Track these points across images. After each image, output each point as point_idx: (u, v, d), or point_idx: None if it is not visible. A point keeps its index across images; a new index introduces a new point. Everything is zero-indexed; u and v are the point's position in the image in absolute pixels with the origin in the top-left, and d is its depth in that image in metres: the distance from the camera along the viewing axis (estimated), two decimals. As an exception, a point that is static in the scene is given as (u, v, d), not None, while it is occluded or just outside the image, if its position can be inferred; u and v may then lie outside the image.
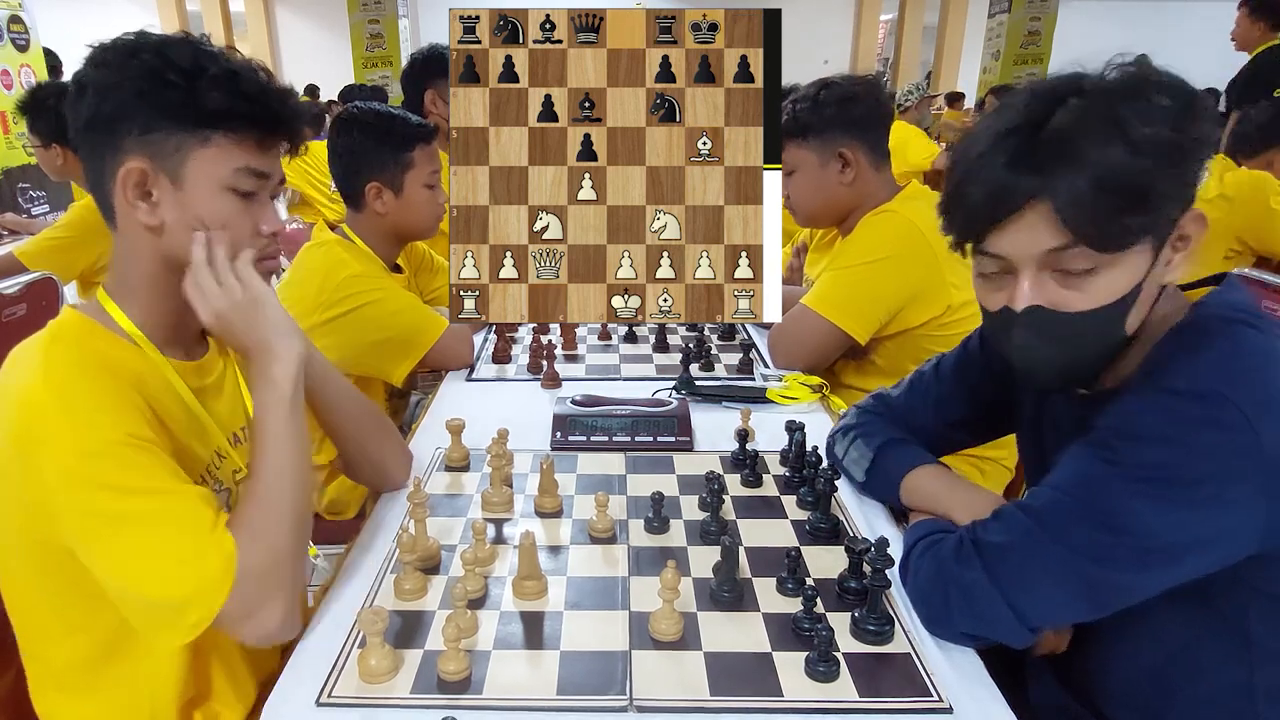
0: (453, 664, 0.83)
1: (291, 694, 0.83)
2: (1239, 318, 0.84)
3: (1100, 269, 0.81)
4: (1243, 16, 3.95)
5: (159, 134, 0.90)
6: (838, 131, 1.71)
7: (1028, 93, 0.84)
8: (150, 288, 0.96)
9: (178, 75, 0.89)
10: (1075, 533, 0.82)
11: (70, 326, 0.93)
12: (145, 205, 0.92)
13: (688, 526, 1.12)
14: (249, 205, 0.96)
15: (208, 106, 0.90)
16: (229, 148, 0.92)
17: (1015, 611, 0.85)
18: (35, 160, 2.96)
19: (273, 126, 0.95)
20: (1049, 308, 0.84)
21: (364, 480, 1.26)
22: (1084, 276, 0.81)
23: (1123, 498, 0.80)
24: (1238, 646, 0.86)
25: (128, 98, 0.89)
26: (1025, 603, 0.85)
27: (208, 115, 0.90)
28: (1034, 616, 0.86)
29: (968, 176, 0.84)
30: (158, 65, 0.89)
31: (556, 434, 1.37)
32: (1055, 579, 0.83)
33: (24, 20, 4.63)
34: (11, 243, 2.91)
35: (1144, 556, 0.80)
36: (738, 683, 0.84)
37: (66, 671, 0.95)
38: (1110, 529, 0.80)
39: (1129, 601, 0.83)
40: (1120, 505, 0.80)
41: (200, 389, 1.01)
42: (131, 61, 0.90)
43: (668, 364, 1.77)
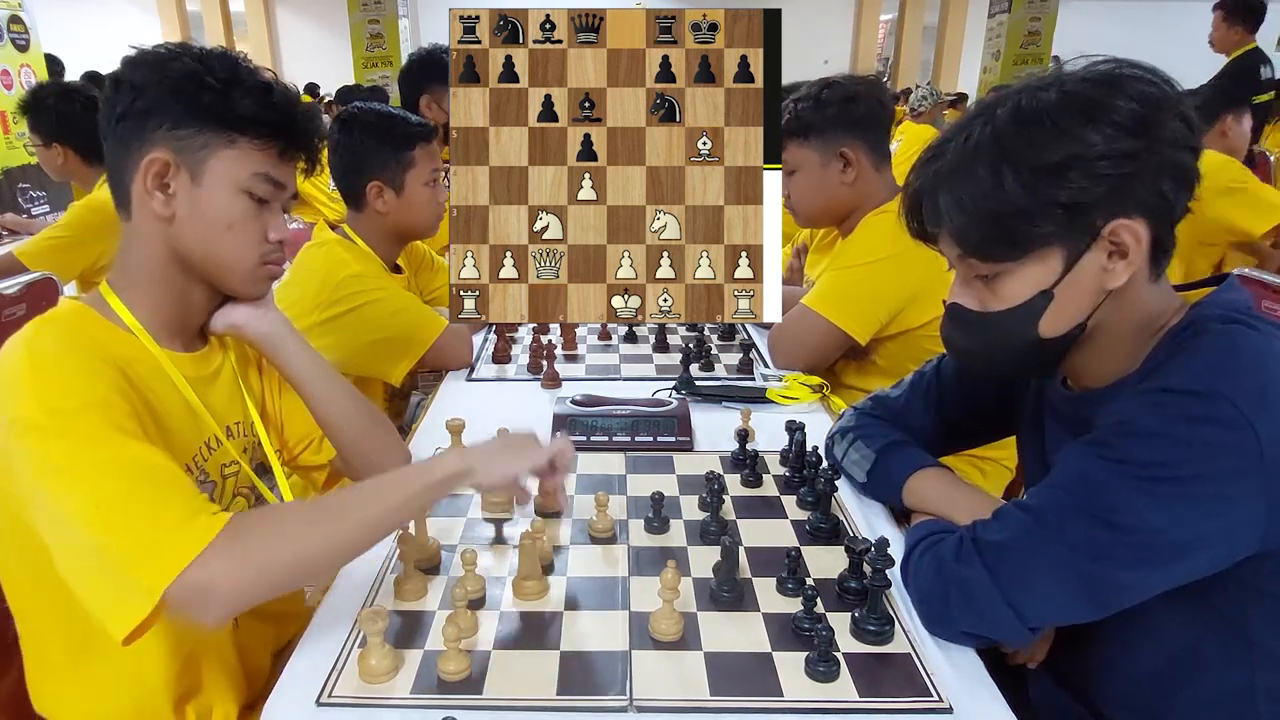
0: (453, 664, 0.83)
1: (292, 694, 0.83)
2: (1236, 318, 0.84)
3: (1002, 275, 0.88)
4: (1219, 20, 3.97)
5: (188, 130, 0.94)
6: (839, 131, 1.71)
7: (975, 107, 0.90)
8: (154, 280, 0.98)
9: (215, 79, 0.95)
10: (1074, 530, 0.82)
11: (63, 312, 0.95)
12: (162, 196, 0.95)
13: (688, 526, 1.12)
14: (260, 211, 1.00)
15: (238, 111, 0.95)
16: (252, 152, 0.97)
17: (1015, 610, 0.85)
18: (35, 160, 2.96)
19: (295, 140, 1.01)
20: (965, 306, 0.93)
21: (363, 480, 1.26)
22: (992, 281, 0.89)
23: (1121, 494, 0.80)
24: (1238, 648, 0.86)
25: (164, 95, 0.94)
26: (1025, 602, 0.85)
27: (237, 119, 0.95)
28: (1034, 615, 0.86)
29: (909, 185, 0.93)
30: (197, 69, 0.94)
31: (556, 434, 1.37)
32: (1055, 577, 0.83)
33: (24, 20, 4.63)
34: (11, 243, 2.92)
35: (1143, 554, 0.80)
36: (738, 683, 0.84)
37: (59, 655, 0.95)
38: (1109, 526, 0.80)
39: (1129, 601, 0.83)
40: (1119, 502, 0.80)
41: (196, 378, 1.01)
42: (172, 64, 0.95)
43: (668, 364, 1.77)
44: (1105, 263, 0.84)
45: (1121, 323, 0.89)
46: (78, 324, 0.93)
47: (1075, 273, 0.85)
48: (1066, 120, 0.81)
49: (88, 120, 2.65)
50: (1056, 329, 0.88)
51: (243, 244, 0.99)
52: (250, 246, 1.00)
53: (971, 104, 4.60)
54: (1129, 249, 0.83)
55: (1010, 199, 0.83)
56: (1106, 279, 0.85)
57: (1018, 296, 0.88)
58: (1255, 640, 0.85)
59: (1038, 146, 0.82)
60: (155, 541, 0.78)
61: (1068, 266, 0.85)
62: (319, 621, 0.94)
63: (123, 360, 0.91)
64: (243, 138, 0.96)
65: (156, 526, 0.79)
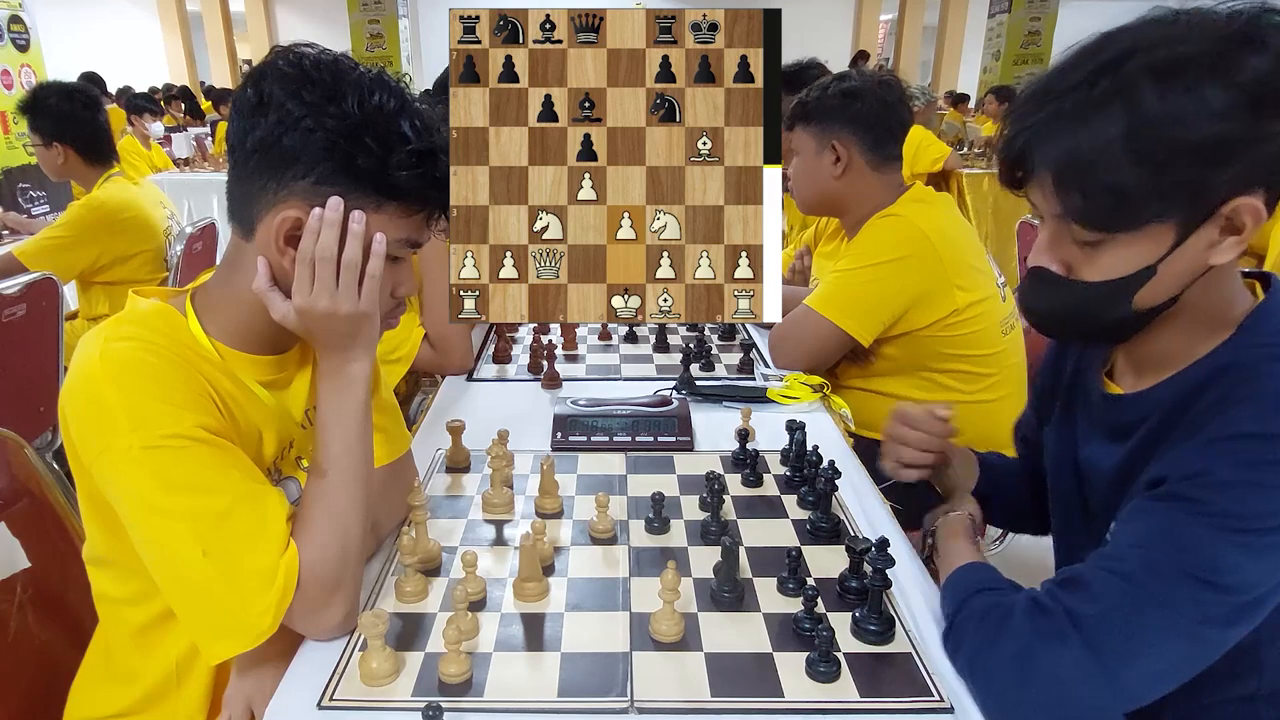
0: (454, 666, 0.83)
1: (293, 697, 0.83)
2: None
3: (1106, 244, 0.80)
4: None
5: (332, 189, 0.86)
6: (835, 124, 1.73)
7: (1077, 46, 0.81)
8: (248, 305, 0.92)
9: (375, 141, 0.85)
10: (1179, 593, 0.75)
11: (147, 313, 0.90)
12: (292, 252, 0.87)
13: (688, 527, 1.12)
14: (391, 268, 0.94)
15: (393, 182, 0.87)
16: (398, 218, 0.91)
17: (1114, 688, 0.75)
18: (35, 160, 2.96)
19: (445, 209, 0.96)
20: (1054, 270, 0.85)
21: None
22: (1092, 249, 0.81)
23: (1219, 549, 0.74)
24: (1245, 666, 0.85)
25: (315, 146, 0.84)
26: (1131, 676, 0.76)
27: (390, 188, 0.88)
28: (1135, 691, 0.76)
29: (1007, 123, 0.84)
30: (358, 123, 0.84)
31: (557, 434, 1.37)
32: (1163, 647, 0.76)
33: (24, 20, 4.64)
34: (11, 243, 2.92)
35: (1243, 611, 0.75)
36: (738, 683, 0.83)
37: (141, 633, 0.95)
38: (1213, 586, 0.74)
39: (1216, 657, 0.77)
40: (1221, 559, 0.74)
41: (269, 382, 0.99)
42: (331, 107, 0.84)
43: (668, 364, 1.77)
44: (1215, 238, 0.78)
45: (1203, 303, 0.83)
46: (163, 327, 0.89)
47: (1183, 247, 0.78)
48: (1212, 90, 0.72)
49: (88, 120, 2.65)
50: (1151, 301, 0.82)
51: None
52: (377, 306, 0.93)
53: (971, 104, 4.57)
54: (1245, 227, 0.77)
55: (1139, 174, 0.75)
56: (1213, 255, 0.79)
57: (1118, 270, 0.81)
58: (1264, 661, 0.84)
59: (1178, 122, 0.73)
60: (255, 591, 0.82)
61: (1178, 241, 0.78)
62: (319, 622, 0.94)
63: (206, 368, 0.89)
64: (391, 204, 0.89)
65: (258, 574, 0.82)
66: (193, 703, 0.96)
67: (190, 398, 0.85)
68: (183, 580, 0.83)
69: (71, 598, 1.10)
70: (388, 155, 0.86)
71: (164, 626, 0.94)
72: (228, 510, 0.82)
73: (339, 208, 0.86)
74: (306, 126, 0.84)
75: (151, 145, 5.88)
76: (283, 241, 0.88)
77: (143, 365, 0.83)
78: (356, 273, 0.88)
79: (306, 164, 0.85)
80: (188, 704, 0.96)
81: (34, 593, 1.10)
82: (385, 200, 0.89)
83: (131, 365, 0.83)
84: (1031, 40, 9.31)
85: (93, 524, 0.92)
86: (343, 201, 0.86)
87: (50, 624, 1.11)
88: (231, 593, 0.82)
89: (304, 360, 1.05)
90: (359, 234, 0.87)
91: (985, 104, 8.19)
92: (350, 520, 0.90)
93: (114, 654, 0.98)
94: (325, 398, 0.93)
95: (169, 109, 8.20)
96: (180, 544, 0.81)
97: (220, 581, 0.81)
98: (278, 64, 0.87)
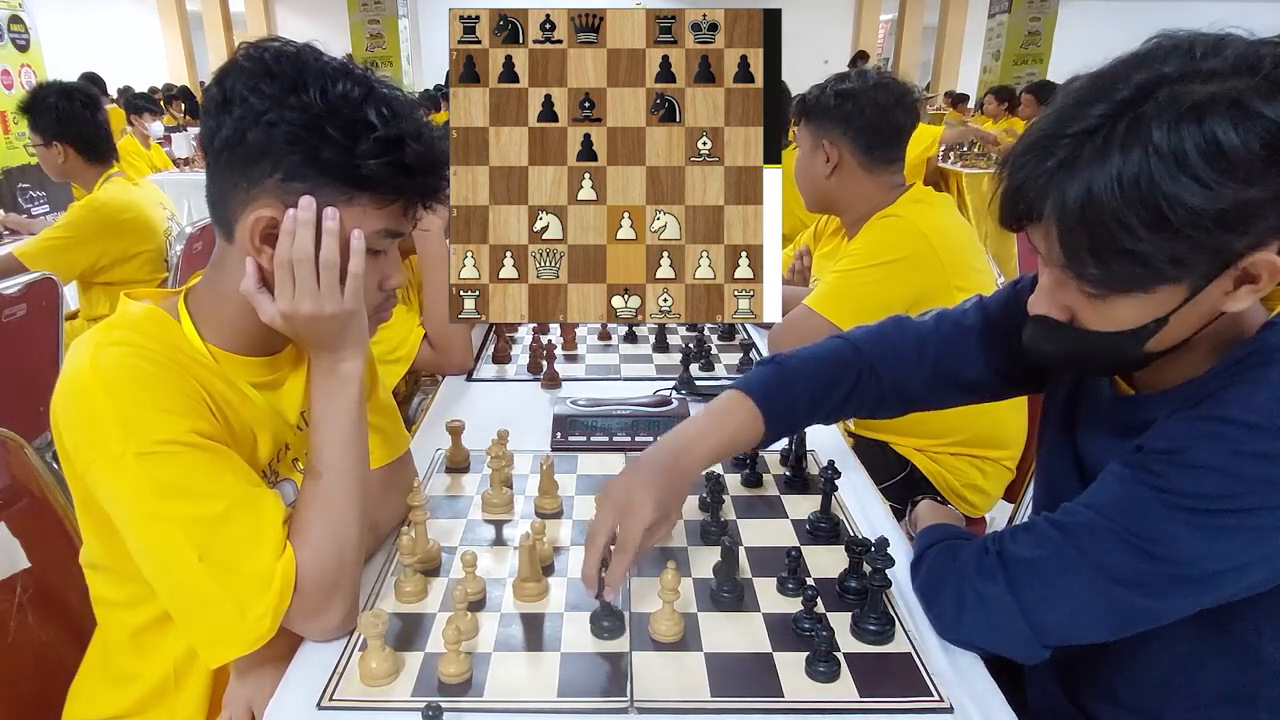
0: (453, 666, 0.83)
1: (292, 697, 0.83)
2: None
3: (1114, 298, 0.76)
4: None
5: (302, 185, 0.84)
6: (829, 123, 1.75)
7: (1088, 80, 0.76)
8: (235, 307, 0.91)
9: (339, 131, 0.82)
10: (1110, 555, 0.79)
11: (138, 318, 0.90)
12: (270, 251, 0.86)
13: (688, 527, 1.12)
14: (375, 261, 0.92)
15: (362, 172, 0.84)
16: (371, 210, 0.88)
17: (1034, 629, 0.83)
18: (35, 160, 2.96)
19: (422, 197, 0.91)
20: (1056, 318, 0.82)
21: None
22: (1099, 299, 0.77)
23: (1165, 524, 0.77)
24: (1246, 661, 0.85)
25: (279, 140, 0.82)
26: (1047, 621, 0.83)
27: (360, 179, 0.85)
28: (1053, 635, 0.83)
29: (1008, 164, 0.80)
30: (321, 113, 0.82)
31: (556, 434, 1.37)
32: (1081, 600, 0.81)
33: (24, 20, 4.64)
34: (11, 243, 2.92)
35: (1180, 584, 0.78)
36: (738, 683, 0.83)
37: (139, 635, 0.96)
38: (1149, 555, 0.77)
39: (1149, 626, 0.81)
40: (1162, 532, 0.77)
41: (262, 384, 0.98)
42: (291, 99, 0.81)
43: (668, 364, 1.77)
44: (1229, 288, 0.75)
45: (1222, 328, 0.81)
46: (154, 331, 0.88)
47: (1196, 299, 0.76)
48: (1234, 146, 0.67)
49: (88, 119, 2.65)
50: (1164, 345, 0.80)
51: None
52: (364, 300, 0.91)
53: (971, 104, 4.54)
54: (1262, 280, 0.74)
55: (1154, 241, 0.70)
56: (1228, 303, 0.76)
57: (1128, 322, 0.78)
58: (1264, 656, 0.84)
59: (1201, 185, 0.68)
60: (253, 596, 0.82)
61: (1191, 294, 0.75)
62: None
63: (199, 372, 0.89)
64: (363, 195, 0.86)
65: (255, 579, 0.82)
66: (191, 704, 0.96)
67: (183, 403, 0.84)
68: (180, 586, 0.83)
69: (71, 598, 1.10)
70: (354, 145, 0.83)
71: (162, 629, 0.94)
72: (223, 515, 0.82)
73: (311, 206, 0.84)
74: (269, 120, 0.81)
75: (151, 145, 5.88)
76: (259, 240, 0.86)
77: (134, 371, 0.83)
78: (336, 272, 0.87)
79: (273, 159, 0.83)
80: (186, 705, 0.96)
81: (34, 593, 1.10)
82: (356, 192, 0.86)
83: (123, 371, 0.82)
84: (1031, 40, 9.33)
85: (88, 529, 0.93)
86: (314, 200, 0.84)
87: (50, 624, 1.11)
88: (229, 597, 0.81)
89: (297, 361, 1.03)
90: (334, 231, 0.85)
91: (985, 104, 8.20)
92: (347, 521, 0.90)
93: (112, 656, 0.98)
94: (318, 398, 0.92)
95: (169, 109, 8.20)
96: (176, 550, 0.81)
97: (217, 587, 0.81)
98: (240, 60, 0.85)
